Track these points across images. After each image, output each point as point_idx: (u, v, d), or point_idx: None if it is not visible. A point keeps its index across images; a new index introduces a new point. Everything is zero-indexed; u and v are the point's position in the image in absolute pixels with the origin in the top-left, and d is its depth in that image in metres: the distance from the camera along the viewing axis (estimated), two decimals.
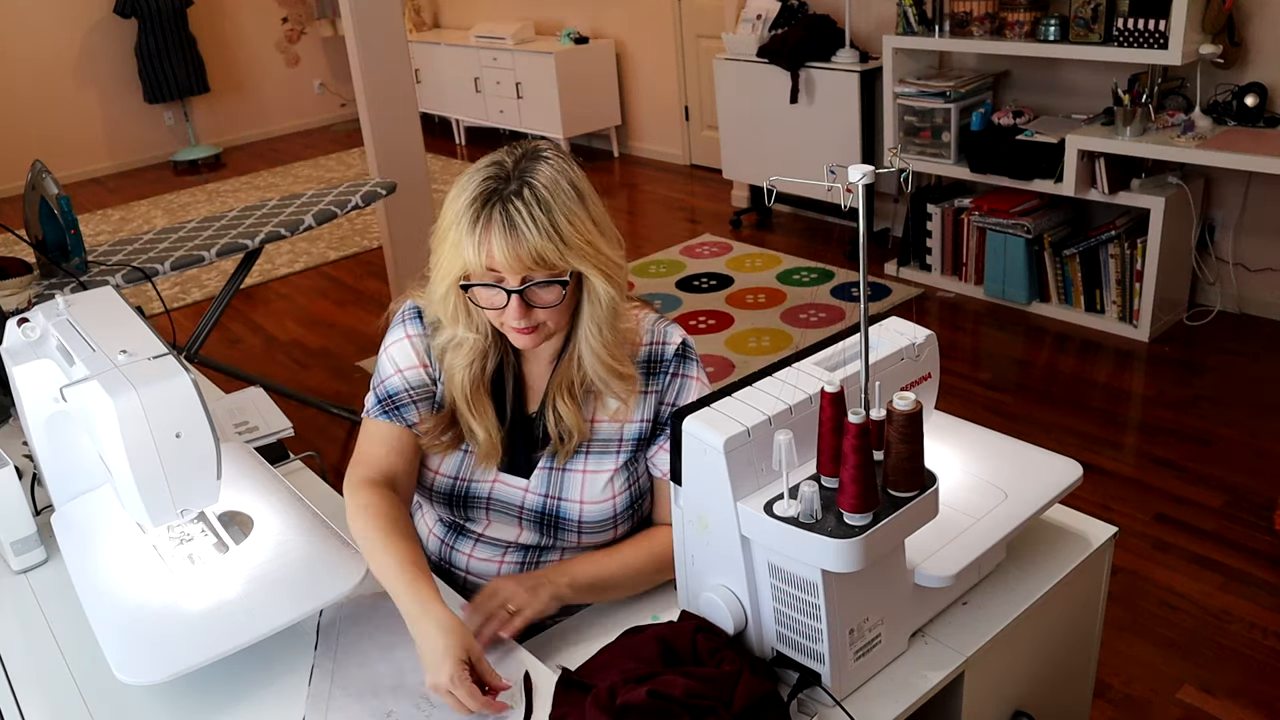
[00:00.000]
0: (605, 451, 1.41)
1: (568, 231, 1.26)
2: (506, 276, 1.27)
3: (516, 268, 1.26)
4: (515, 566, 1.45)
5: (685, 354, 1.41)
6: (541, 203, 1.25)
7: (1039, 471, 1.33)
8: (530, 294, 1.28)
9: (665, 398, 1.41)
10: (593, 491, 1.41)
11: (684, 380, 1.41)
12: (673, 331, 1.42)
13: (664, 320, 1.44)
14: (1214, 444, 3.04)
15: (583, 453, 1.41)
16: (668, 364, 1.41)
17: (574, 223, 1.27)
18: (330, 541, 1.36)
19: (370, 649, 1.28)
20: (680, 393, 1.41)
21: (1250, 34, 3.47)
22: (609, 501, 1.41)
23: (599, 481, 1.40)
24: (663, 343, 1.41)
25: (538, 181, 1.26)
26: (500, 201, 1.25)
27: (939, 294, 4.22)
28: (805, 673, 1.14)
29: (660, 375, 1.41)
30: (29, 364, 1.44)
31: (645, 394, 1.40)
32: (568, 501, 1.41)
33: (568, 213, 1.26)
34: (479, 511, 1.45)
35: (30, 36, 7.01)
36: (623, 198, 5.90)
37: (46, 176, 2.96)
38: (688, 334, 1.44)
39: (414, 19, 7.73)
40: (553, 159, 1.30)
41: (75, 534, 1.44)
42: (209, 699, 1.22)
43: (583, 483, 1.41)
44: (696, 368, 1.42)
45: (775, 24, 4.70)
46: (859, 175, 0.98)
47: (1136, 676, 2.22)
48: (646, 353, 1.41)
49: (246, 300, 4.83)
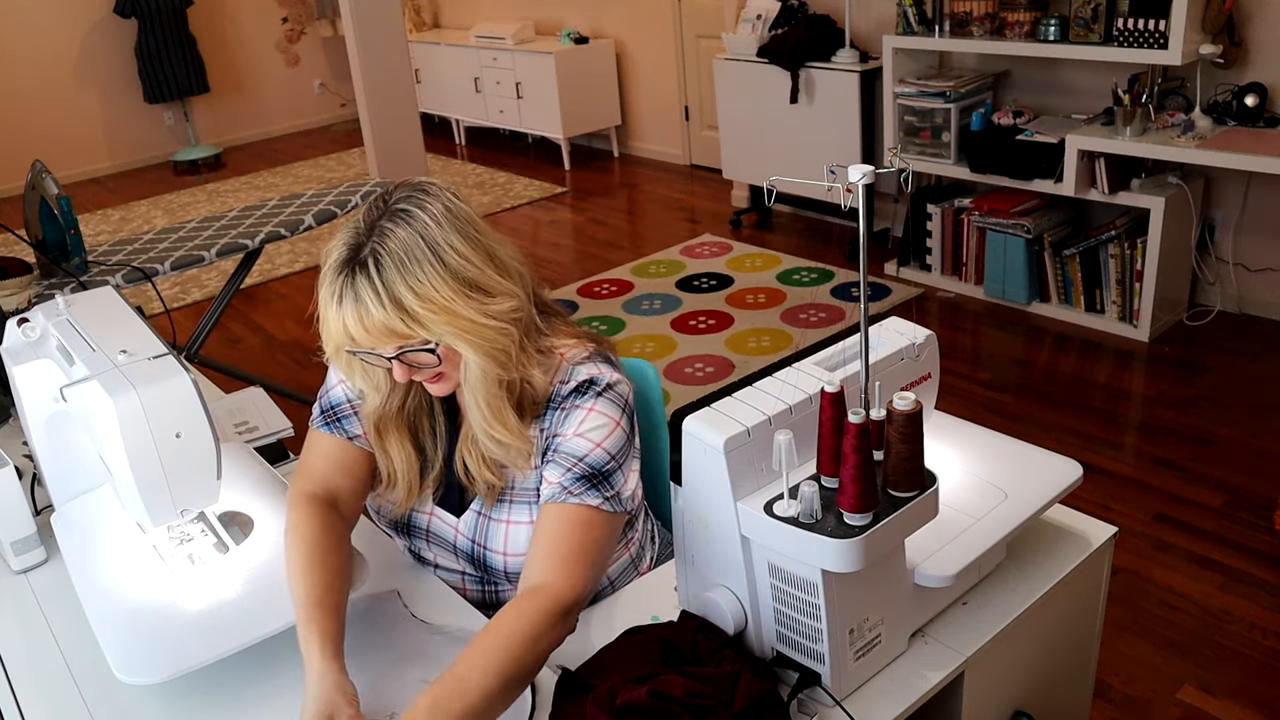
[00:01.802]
0: (524, 501, 1.36)
1: (410, 302, 1.18)
2: (377, 349, 1.23)
3: (380, 342, 1.21)
4: (478, 591, 1.45)
5: (585, 389, 1.30)
6: (383, 268, 1.18)
7: (1039, 471, 1.33)
8: (407, 358, 1.24)
9: (551, 429, 1.32)
10: (516, 544, 1.36)
11: (573, 411, 1.30)
12: (580, 371, 1.32)
13: (591, 360, 1.33)
14: (1214, 444, 3.04)
15: (506, 502, 1.37)
16: (561, 400, 1.31)
17: (420, 291, 1.18)
18: None
19: (369, 649, 1.28)
20: (565, 420, 1.30)
21: (1250, 34, 3.47)
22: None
23: (521, 534, 1.36)
24: (566, 381, 1.32)
25: (385, 249, 1.19)
26: (350, 274, 1.20)
27: (939, 294, 4.22)
28: (805, 673, 1.14)
29: (554, 412, 1.32)
30: (29, 364, 1.44)
31: (542, 432, 1.33)
32: (493, 552, 1.38)
33: (414, 281, 1.19)
34: (421, 542, 1.46)
35: (30, 36, 7.01)
36: (623, 198, 5.90)
37: (46, 176, 2.96)
38: (612, 374, 1.33)
39: (414, 19, 7.72)
40: (415, 213, 1.21)
41: (75, 534, 1.44)
42: (209, 699, 1.22)
43: (506, 534, 1.37)
44: (594, 400, 1.30)
45: (775, 24, 4.70)
46: (859, 175, 0.98)
47: (1136, 676, 2.22)
48: (550, 393, 1.32)
49: (246, 300, 4.83)
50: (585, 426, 1.29)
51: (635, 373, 1.73)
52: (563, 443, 1.30)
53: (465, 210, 1.26)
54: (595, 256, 4.94)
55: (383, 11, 5.58)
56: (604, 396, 1.31)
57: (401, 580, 1.43)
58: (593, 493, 1.26)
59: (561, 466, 1.28)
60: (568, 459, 1.28)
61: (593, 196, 5.95)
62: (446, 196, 1.25)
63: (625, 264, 4.79)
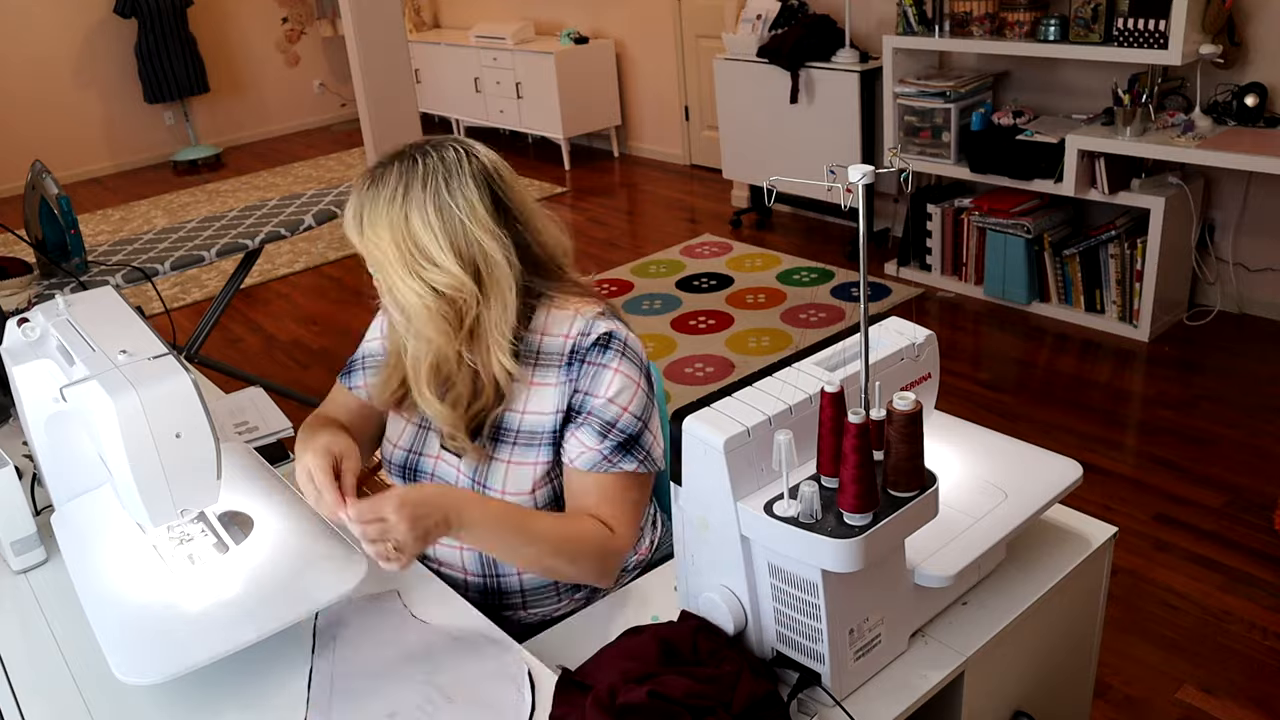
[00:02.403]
0: (529, 444, 1.41)
1: (366, 224, 1.34)
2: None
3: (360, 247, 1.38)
4: (475, 554, 1.48)
5: (606, 345, 1.39)
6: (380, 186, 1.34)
7: (1039, 471, 1.33)
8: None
9: (578, 385, 1.39)
10: (515, 483, 1.41)
11: (599, 369, 1.38)
12: (600, 324, 1.40)
13: (605, 316, 1.42)
14: (1214, 444, 3.04)
15: (509, 443, 1.42)
16: (585, 353, 1.39)
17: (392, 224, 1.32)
18: (330, 542, 1.36)
19: (370, 650, 1.28)
20: (594, 381, 1.38)
21: (1250, 34, 3.47)
22: (529, 495, 1.41)
23: (522, 474, 1.41)
24: (586, 334, 1.40)
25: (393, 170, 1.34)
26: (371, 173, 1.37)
27: (939, 294, 4.22)
28: (805, 673, 1.14)
29: (577, 364, 1.39)
30: (29, 364, 1.44)
31: (563, 385, 1.40)
32: (491, 490, 1.42)
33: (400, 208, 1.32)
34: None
35: (30, 36, 7.01)
36: (623, 198, 5.90)
37: (46, 176, 2.96)
38: (627, 331, 1.42)
39: (414, 19, 7.72)
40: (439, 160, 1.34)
41: (75, 534, 1.44)
42: (209, 699, 1.22)
43: (506, 473, 1.42)
44: (618, 359, 1.39)
45: (775, 24, 4.70)
46: (859, 175, 0.98)
47: (1136, 676, 2.22)
48: (571, 345, 1.40)
49: (246, 300, 4.83)
50: (613, 391, 1.38)
51: None
52: (595, 406, 1.38)
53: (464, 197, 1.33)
54: (595, 256, 4.94)
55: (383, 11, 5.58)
56: (626, 357, 1.39)
57: (401, 580, 1.43)
58: (629, 458, 1.37)
59: (598, 434, 1.37)
60: (602, 425, 1.37)
61: (593, 196, 5.95)
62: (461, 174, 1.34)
63: (625, 264, 4.79)
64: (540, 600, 1.49)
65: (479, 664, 1.24)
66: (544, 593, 1.49)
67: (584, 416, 1.38)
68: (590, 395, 1.38)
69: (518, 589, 1.48)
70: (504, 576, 1.48)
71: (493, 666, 1.23)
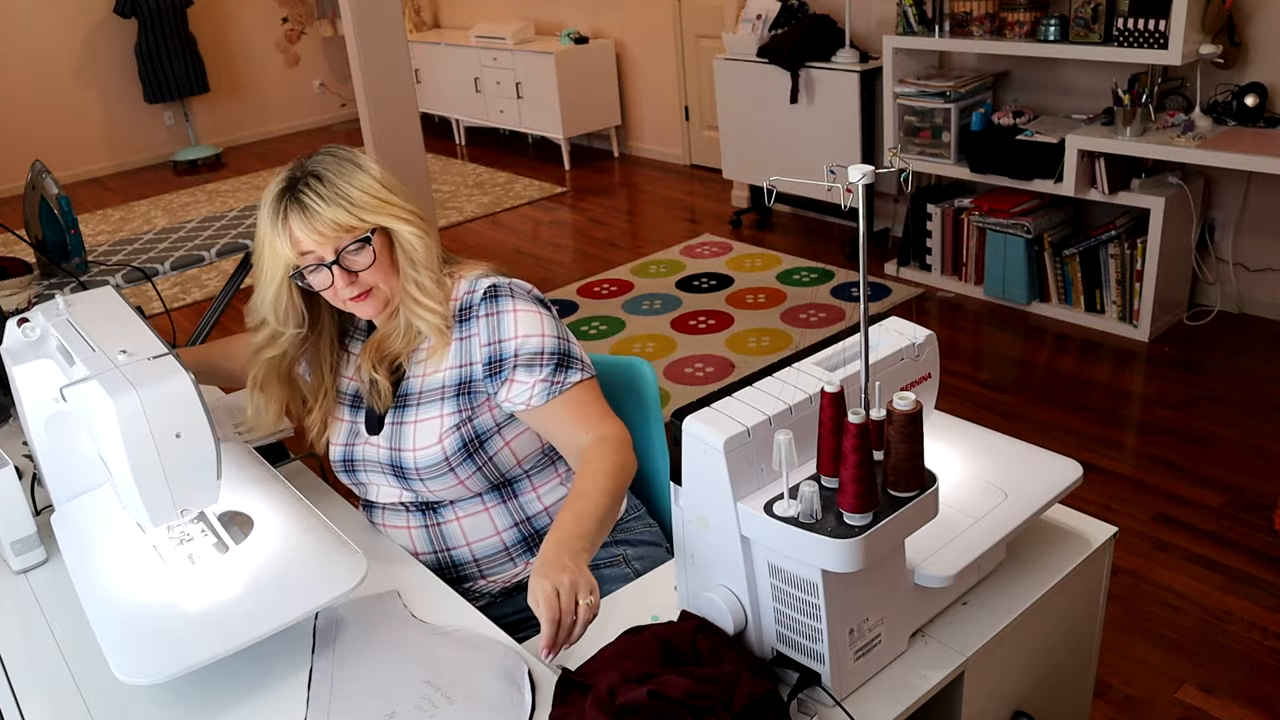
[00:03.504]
0: (431, 400, 1.50)
1: (355, 195, 1.42)
2: (320, 254, 1.43)
3: (322, 242, 1.42)
4: (422, 530, 1.54)
5: (495, 295, 1.48)
6: (324, 180, 1.43)
7: (1039, 471, 1.33)
8: (345, 260, 1.44)
9: (484, 339, 1.48)
10: (423, 438, 1.49)
11: (499, 316, 1.48)
12: (484, 280, 1.50)
13: (487, 274, 1.52)
14: (1214, 444, 3.04)
15: (414, 405, 1.51)
16: (476, 308, 1.49)
17: (358, 186, 1.43)
18: (330, 541, 1.36)
19: (369, 649, 1.28)
20: (499, 327, 1.47)
21: (1250, 34, 3.47)
22: (437, 446, 1.48)
23: (428, 429, 1.49)
24: (472, 291, 1.50)
25: (320, 168, 1.44)
26: (291, 193, 1.43)
27: (939, 294, 4.22)
28: (805, 673, 1.14)
29: (471, 321, 1.49)
30: (29, 364, 1.44)
31: (461, 340, 1.49)
32: (405, 451, 1.51)
33: (350, 180, 1.43)
34: (364, 474, 1.58)
35: (30, 36, 7.01)
36: (623, 198, 5.90)
37: (46, 176, 2.96)
38: (511, 279, 1.52)
39: (414, 19, 7.72)
40: (336, 151, 1.47)
41: (75, 534, 1.44)
42: (209, 699, 1.22)
43: (414, 432, 1.50)
44: (511, 301, 1.48)
45: (775, 24, 4.70)
46: (859, 175, 0.98)
47: (1136, 676, 2.22)
48: (459, 305, 1.51)
49: (246, 300, 4.81)
50: (523, 326, 1.47)
51: (629, 369, 1.74)
52: (517, 346, 1.46)
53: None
54: (595, 256, 4.94)
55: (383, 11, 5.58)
56: (515, 296, 1.49)
57: (401, 580, 1.43)
58: (571, 372, 1.47)
59: (533, 367, 1.45)
60: (533, 358, 1.46)
61: (593, 196, 5.95)
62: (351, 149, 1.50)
63: (625, 264, 4.79)
64: (496, 567, 1.56)
65: (479, 664, 1.24)
66: (496, 559, 1.56)
67: (510, 361, 1.46)
68: (503, 341, 1.46)
69: (470, 559, 1.55)
70: (454, 549, 1.54)
71: (493, 666, 1.23)
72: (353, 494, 1.66)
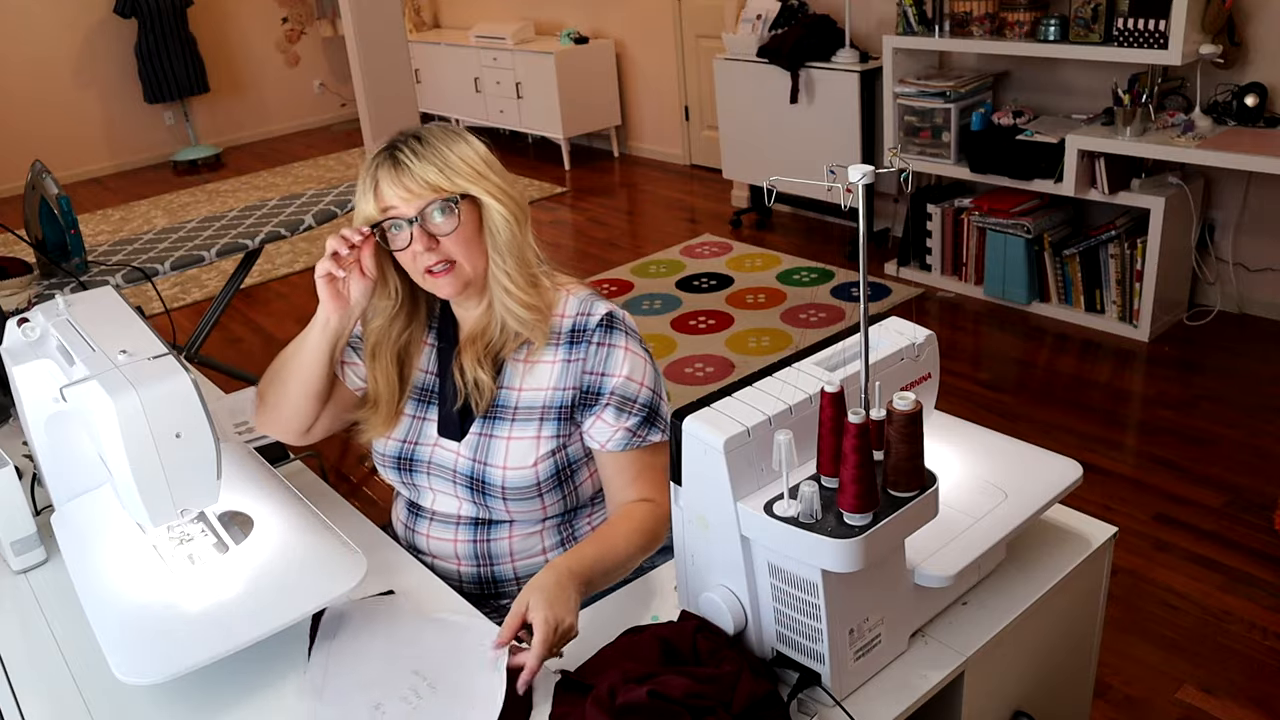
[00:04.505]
0: (529, 419, 1.45)
1: (452, 159, 1.37)
2: (404, 211, 1.37)
3: (408, 198, 1.36)
4: (468, 544, 1.50)
5: (611, 325, 1.44)
6: (424, 141, 1.38)
7: (1039, 471, 1.33)
8: (428, 222, 1.36)
9: (589, 366, 1.43)
10: (516, 457, 1.44)
11: (610, 349, 1.43)
12: (600, 305, 1.45)
13: (597, 298, 1.47)
14: (1214, 444, 3.04)
15: (508, 420, 1.45)
16: (590, 334, 1.43)
17: (457, 152, 1.38)
18: (330, 541, 1.36)
19: (363, 641, 1.28)
20: (607, 360, 1.43)
21: (1250, 34, 3.47)
22: (530, 469, 1.44)
23: (522, 448, 1.44)
24: (588, 314, 1.44)
25: (424, 132, 1.40)
26: (388, 152, 1.38)
27: (939, 294, 4.22)
28: (805, 673, 1.14)
29: (582, 344, 1.43)
30: (29, 364, 1.44)
31: (568, 363, 1.44)
32: (493, 467, 1.45)
33: (451, 145, 1.38)
34: (423, 477, 1.51)
35: (30, 36, 7.01)
36: (623, 198, 5.90)
37: (46, 176, 2.96)
38: (624, 311, 1.47)
39: (414, 19, 7.72)
40: (446, 127, 1.42)
41: (75, 534, 1.44)
42: (209, 699, 1.22)
43: (507, 449, 1.44)
44: (625, 338, 1.44)
45: (775, 24, 4.70)
46: (859, 175, 0.98)
47: (1136, 676, 2.22)
48: (571, 324, 1.44)
49: (246, 300, 4.83)
50: (629, 369, 1.43)
51: None
52: (614, 385, 1.42)
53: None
54: (595, 256, 4.94)
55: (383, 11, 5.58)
56: (630, 335, 1.45)
57: (401, 581, 1.43)
58: (655, 430, 1.44)
59: (623, 412, 1.42)
60: (623, 403, 1.42)
61: (593, 196, 5.95)
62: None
63: (625, 264, 4.79)
64: None
65: (466, 652, 1.24)
66: None
67: (605, 398, 1.42)
68: (606, 375, 1.42)
69: (512, 576, 1.51)
70: (498, 565, 1.50)
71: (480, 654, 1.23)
72: (354, 494, 1.65)
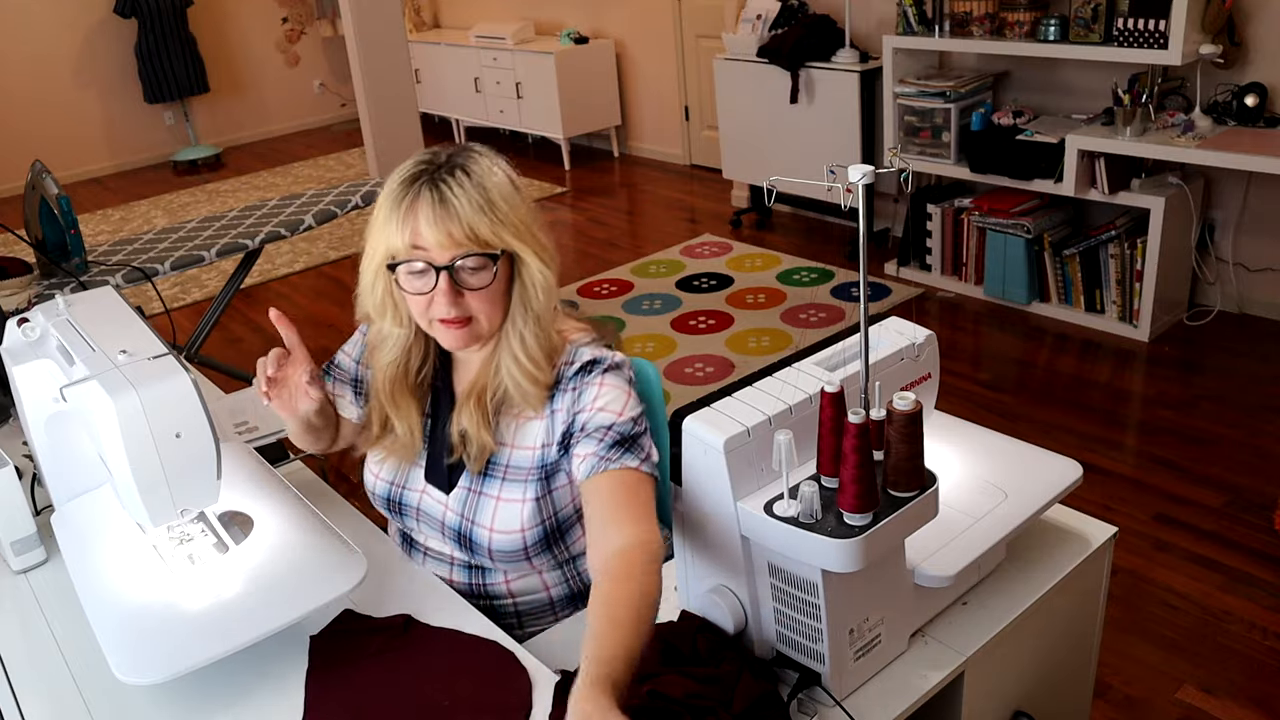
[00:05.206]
0: (517, 480, 1.37)
1: (502, 208, 1.24)
2: (433, 256, 1.25)
3: (446, 244, 1.23)
4: (465, 584, 1.46)
5: (588, 369, 1.33)
6: (474, 179, 1.24)
7: (1039, 471, 1.33)
8: (459, 274, 1.25)
9: (566, 411, 1.33)
10: (504, 521, 1.37)
11: (585, 388, 1.32)
12: (584, 352, 1.35)
13: (595, 344, 1.37)
14: (1214, 444, 3.04)
15: (498, 478, 1.38)
16: (567, 381, 1.33)
17: (508, 201, 1.26)
18: (330, 541, 1.36)
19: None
20: (580, 398, 1.32)
21: (1250, 34, 3.47)
22: (518, 534, 1.37)
23: (510, 511, 1.37)
24: (570, 363, 1.34)
25: (471, 166, 1.26)
26: (430, 179, 1.24)
27: (939, 294, 4.22)
28: (805, 673, 1.14)
29: (561, 394, 1.34)
30: (29, 364, 1.44)
31: (553, 414, 1.34)
32: (480, 527, 1.38)
33: (502, 192, 1.26)
34: (412, 520, 1.48)
35: (30, 36, 7.01)
36: (623, 198, 5.90)
37: (46, 176, 2.96)
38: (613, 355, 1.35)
39: (414, 19, 7.72)
40: (487, 155, 1.30)
41: (75, 534, 1.44)
42: (209, 699, 1.22)
43: (495, 510, 1.38)
44: (602, 375, 1.32)
45: (775, 24, 4.70)
46: (859, 175, 0.99)
47: (1136, 676, 2.22)
48: (556, 374, 1.35)
49: (246, 300, 4.83)
50: (602, 400, 1.30)
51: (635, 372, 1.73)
52: (587, 418, 1.30)
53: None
54: (595, 256, 4.94)
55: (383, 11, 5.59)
56: (609, 372, 1.33)
57: (401, 582, 1.43)
58: (629, 456, 1.26)
59: (593, 439, 1.29)
60: (597, 431, 1.29)
61: (593, 196, 5.95)
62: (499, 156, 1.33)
63: (625, 264, 4.79)
64: (536, 619, 1.48)
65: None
66: (539, 612, 1.48)
67: (580, 432, 1.31)
68: (580, 411, 1.31)
69: (512, 611, 1.47)
70: (497, 600, 1.47)
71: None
72: (354, 494, 1.66)
